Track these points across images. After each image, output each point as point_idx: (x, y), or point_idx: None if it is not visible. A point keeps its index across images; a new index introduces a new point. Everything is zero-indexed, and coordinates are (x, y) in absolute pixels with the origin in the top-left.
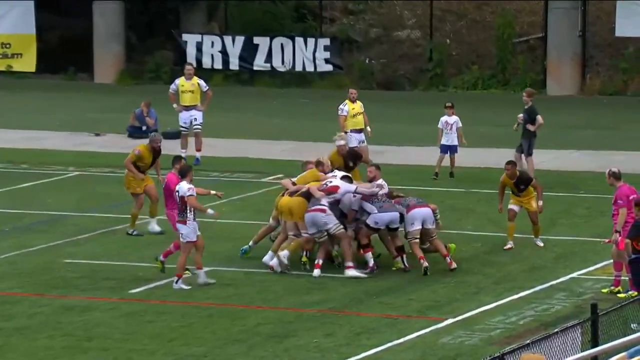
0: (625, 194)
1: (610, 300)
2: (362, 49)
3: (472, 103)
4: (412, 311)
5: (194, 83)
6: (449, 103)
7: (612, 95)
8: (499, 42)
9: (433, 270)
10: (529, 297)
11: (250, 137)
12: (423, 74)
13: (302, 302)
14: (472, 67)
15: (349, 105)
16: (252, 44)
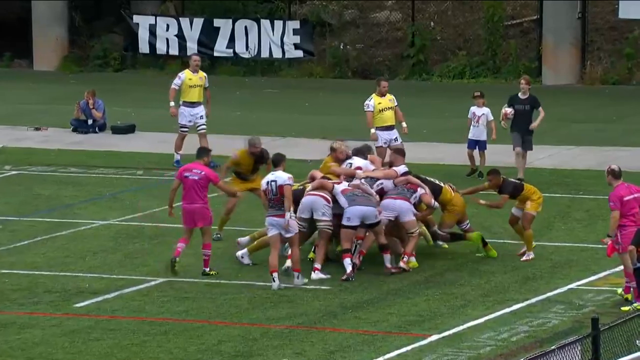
0: (618, 195)
1: (612, 314)
2: (335, 33)
3: (459, 94)
4: (391, 327)
5: (201, 77)
6: (478, 92)
7: (614, 84)
8: (489, 25)
9: (415, 280)
10: (522, 310)
11: (211, 132)
12: (404, 61)
13: (268, 317)
14: (458, 54)
15: (375, 100)
16: (212, 27)
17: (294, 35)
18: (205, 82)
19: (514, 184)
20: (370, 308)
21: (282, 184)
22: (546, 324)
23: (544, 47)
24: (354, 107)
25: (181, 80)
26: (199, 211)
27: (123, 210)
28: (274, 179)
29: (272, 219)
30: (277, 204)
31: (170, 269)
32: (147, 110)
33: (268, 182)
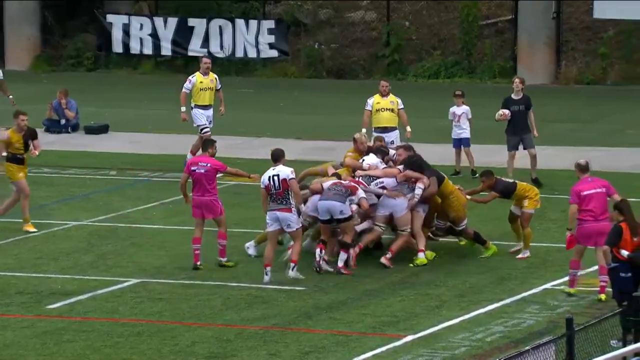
0: (576, 189)
1: (587, 315)
2: (310, 32)
3: (434, 93)
4: (366, 327)
5: (212, 79)
6: (459, 91)
7: (589, 84)
8: (464, 25)
9: (390, 281)
10: (497, 311)
11: (185, 132)
12: (379, 61)
13: (242, 317)
14: (433, 53)
15: (374, 99)
16: (186, 26)
17: (268, 34)
18: (217, 83)
19: (505, 183)
20: (345, 309)
21: (286, 178)
22: (521, 325)
23: (519, 47)
24: (329, 107)
25: (192, 84)
26: (207, 204)
27: (96, 211)
28: (276, 174)
29: (275, 213)
30: (279, 197)
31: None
32: (121, 110)
33: (270, 177)
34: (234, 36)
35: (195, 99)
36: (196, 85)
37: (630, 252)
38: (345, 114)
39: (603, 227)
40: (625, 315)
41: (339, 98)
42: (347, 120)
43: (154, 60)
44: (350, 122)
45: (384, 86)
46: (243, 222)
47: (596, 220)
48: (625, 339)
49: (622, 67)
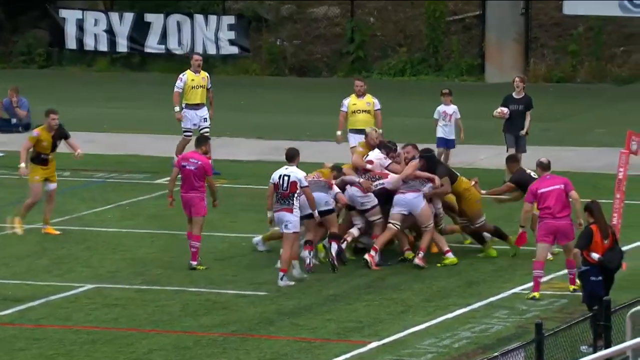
0: (532, 187)
1: (557, 320)
2: (272, 28)
3: (400, 91)
4: (330, 334)
5: (204, 77)
6: (446, 90)
7: (559, 82)
8: (430, 21)
9: (355, 285)
10: (464, 316)
11: (142, 131)
12: (343, 58)
13: (201, 324)
14: (399, 50)
15: (350, 100)
16: (143, 22)
17: (228, 30)
18: (207, 82)
19: (523, 176)
20: (308, 314)
21: (296, 181)
22: (489, 330)
23: (487, 44)
24: (292, 106)
25: (183, 82)
26: (193, 201)
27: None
28: (287, 174)
29: (279, 213)
30: (284, 198)
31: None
32: (75, 108)
33: (280, 176)
34: (193, 32)
35: (186, 98)
36: (187, 83)
37: (601, 254)
38: (308, 112)
39: (561, 225)
40: (595, 320)
41: (302, 96)
42: (311, 120)
43: (109, 57)
44: (314, 122)
45: (359, 86)
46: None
47: (554, 217)
48: (596, 345)
49: (592, 64)
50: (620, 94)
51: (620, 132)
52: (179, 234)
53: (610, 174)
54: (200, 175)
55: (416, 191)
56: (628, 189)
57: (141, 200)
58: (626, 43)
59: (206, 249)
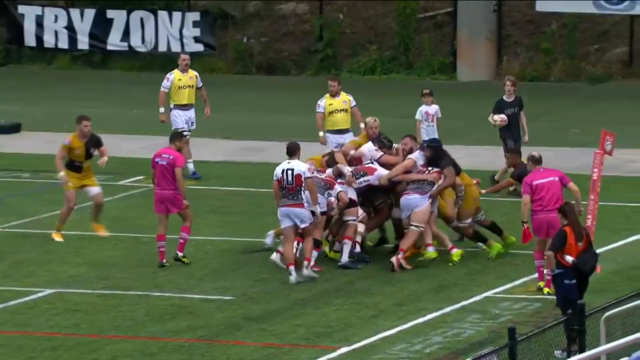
0: (527, 180)
1: (530, 324)
2: (238, 25)
3: (370, 90)
4: (299, 339)
5: (192, 76)
6: (427, 90)
7: (532, 80)
8: (401, 18)
9: (324, 289)
10: (436, 320)
11: (104, 131)
12: (311, 56)
13: (166, 329)
14: (369, 48)
15: (326, 101)
16: (105, 18)
17: (193, 27)
18: (197, 81)
19: (526, 171)
20: (276, 319)
21: (301, 174)
22: (461, 335)
23: (459, 42)
24: (259, 105)
25: (170, 82)
26: (169, 197)
27: (8, 216)
28: (290, 167)
29: (286, 209)
30: (291, 193)
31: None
32: (34, 107)
33: (283, 171)
34: (157, 29)
35: (173, 98)
36: (174, 83)
37: (575, 257)
38: (276, 112)
39: (552, 218)
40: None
41: (270, 95)
42: (279, 119)
43: (69, 55)
44: (283, 121)
45: (333, 86)
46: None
47: (545, 210)
48: (570, 349)
49: (566, 63)
50: (595, 92)
51: (594, 131)
52: (143, 237)
53: (585, 174)
54: (172, 170)
55: (423, 193)
56: (602, 189)
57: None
58: (600, 41)
59: (170, 252)
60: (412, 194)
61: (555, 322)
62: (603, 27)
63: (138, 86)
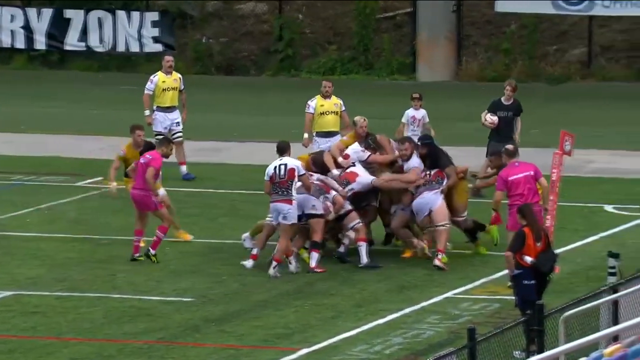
0: (502, 175)
1: (489, 324)
2: (197, 25)
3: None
4: (258, 341)
5: (176, 78)
6: (416, 94)
7: (492, 81)
8: (360, 18)
9: (284, 291)
10: (396, 321)
11: (62, 132)
12: (271, 56)
13: (125, 332)
14: (329, 48)
15: (317, 102)
16: (62, 18)
17: (152, 27)
18: (180, 84)
19: None
20: (236, 321)
21: (294, 167)
22: (421, 335)
23: (419, 42)
24: (218, 105)
25: (154, 84)
26: (137, 198)
27: None
28: (283, 163)
29: (274, 205)
30: (282, 187)
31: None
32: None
33: (276, 167)
34: (115, 29)
35: (157, 101)
36: (158, 85)
37: (534, 258)
38: (235, 112)
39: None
40: (528, 325)
41: (229, 95)
42: (238, 120)
43: (26, 55)
44: (242, 122)
45: (327, 87)
46: (125, 228)
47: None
48: (529, 350)
49: (525, 63)
50: (554, 93)
51: (553, 132)
52: (102, 238)
53: (544, 175)
54: (145, 171)
55: (433, 189)
56: (562, 190)
57: (62, 204)
58: (559, 42)
59: (129, 254)
60: (423, 194)
61: (515, 322)
62: (562, 28)
63: (95, 85)
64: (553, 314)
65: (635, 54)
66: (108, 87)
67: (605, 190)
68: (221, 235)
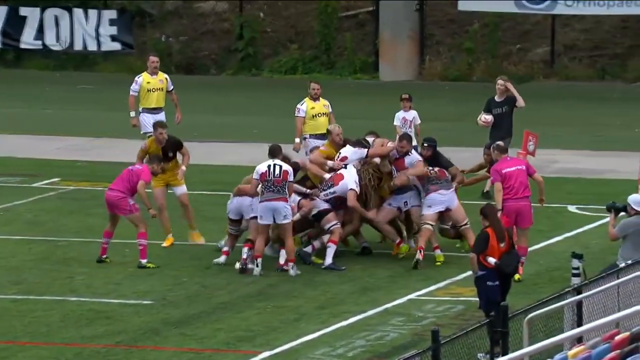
0: (496, 167)
1: (453, 326)
2: (157, 23)
3: (291, 90)
4: (219, 343)
5: (162, 79)
6: (406, 95)
7: (455, 80)
8: (322, 17)
9: (246, 293)
10: (359, 323)
11: (17, 132)
12: (232, 55)
13: (83, 335)
14: (290, 47)
15: (307, 104)
16: (18, 16)
17: (110, 26)
18: (167, 84)
19: None
20: (197, 323)
21: (288, 170)
22: (384, 338)
23: (381, 41)
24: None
25: (138, 85)
26: (113, 201)
27: None
28: (278, 163)
29: (269, 204)
30: (276, 185)
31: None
32: None
33: (270, 165)
34: (72, 27)
35: (142, 102)
36: (143, 86)
37: (498, 259)
38: (195, 112)
39: (522, 206)
40: (493, 327)
41: (189, 95)
42: (198, 120)
43: None
44: (202, 122)
45: (315, 89)
46: (82, 230)
47: (515, 198)
48: (493, 352)
49: (488, 62)
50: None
51: (516, 132)
52: (59, 240)
53: None
54: (134, 181)
55: (449, 188)
56: None
57: (17, 205)
58: (522, 41)
59: (87, 256)
60: (440, 190)
61: (479, 324)
62: (525, 27)
63: (51, 84)
64: (517, 315)
65: (597, 53)
66: (65, 87)
67: (569, 190)
68: (181, 236)
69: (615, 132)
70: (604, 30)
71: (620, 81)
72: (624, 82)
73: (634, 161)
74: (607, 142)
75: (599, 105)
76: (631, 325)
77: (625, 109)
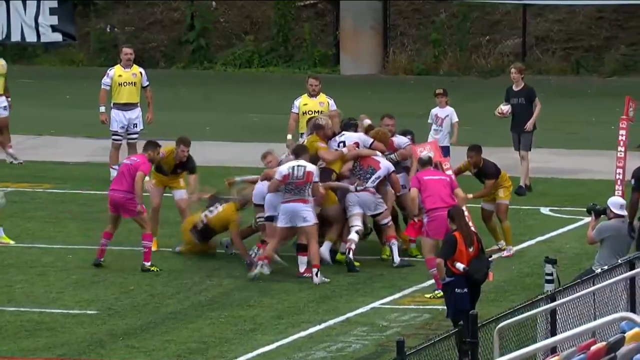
0: (418, 175)
1: (419, 336)
2: (101, 13)
3: (247, 84)
4: (169, 356)
5: (135, 72)
6: (440, 90)
7: (420, 74)
8: (279, 6)
9: (197, 301)
10: (319, 334)
11: None
12: (182, 47)
13: (22, 348)
14: (245, 39)
15: (301, 100)
16: None
17: (50, 15)
18: (142, 79)
19: (495, 164)
20: (145, 335)
21: (312, 171)
22: (346, 349)
23: (342, 32)
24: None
25: (110, 78)
26: (119, 201)
27: None
28: (302, 164)
29: (290, 205)
30: (298, 187)
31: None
32: None
33: (293, 167)
34: (9, 17)
35: (113, 97)
36: (114, 79)
37: (466, 264)
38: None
39: None
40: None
41: None
42: (145, 115)
43: None
44: (156, 119)
45: (314, 85)
46: (21, 234)
47: (445, 208)
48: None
49: (456, 55)
50: (486, 86)
51: (485, 128)
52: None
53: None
54: (134, 171)
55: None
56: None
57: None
58: (491, 32)
59: (26, 262)
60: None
61: (446, 334)
62: (494, 18)
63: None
64: (487, 324)
65: (572, 45)
66: None
67: (541, 191)
68: (129, 241)
69: (590, 129)
70: (578, 21)
71: (596, 75)
72: (599, 76)
73: (610, 160)
74: (582, 140)
75: (573, 100)
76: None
77: (600, 105)
